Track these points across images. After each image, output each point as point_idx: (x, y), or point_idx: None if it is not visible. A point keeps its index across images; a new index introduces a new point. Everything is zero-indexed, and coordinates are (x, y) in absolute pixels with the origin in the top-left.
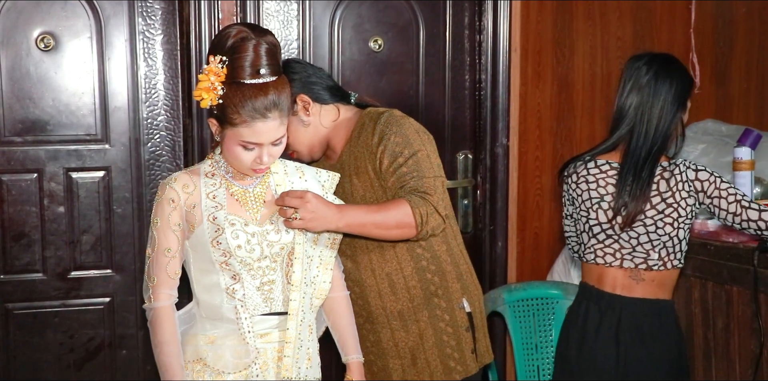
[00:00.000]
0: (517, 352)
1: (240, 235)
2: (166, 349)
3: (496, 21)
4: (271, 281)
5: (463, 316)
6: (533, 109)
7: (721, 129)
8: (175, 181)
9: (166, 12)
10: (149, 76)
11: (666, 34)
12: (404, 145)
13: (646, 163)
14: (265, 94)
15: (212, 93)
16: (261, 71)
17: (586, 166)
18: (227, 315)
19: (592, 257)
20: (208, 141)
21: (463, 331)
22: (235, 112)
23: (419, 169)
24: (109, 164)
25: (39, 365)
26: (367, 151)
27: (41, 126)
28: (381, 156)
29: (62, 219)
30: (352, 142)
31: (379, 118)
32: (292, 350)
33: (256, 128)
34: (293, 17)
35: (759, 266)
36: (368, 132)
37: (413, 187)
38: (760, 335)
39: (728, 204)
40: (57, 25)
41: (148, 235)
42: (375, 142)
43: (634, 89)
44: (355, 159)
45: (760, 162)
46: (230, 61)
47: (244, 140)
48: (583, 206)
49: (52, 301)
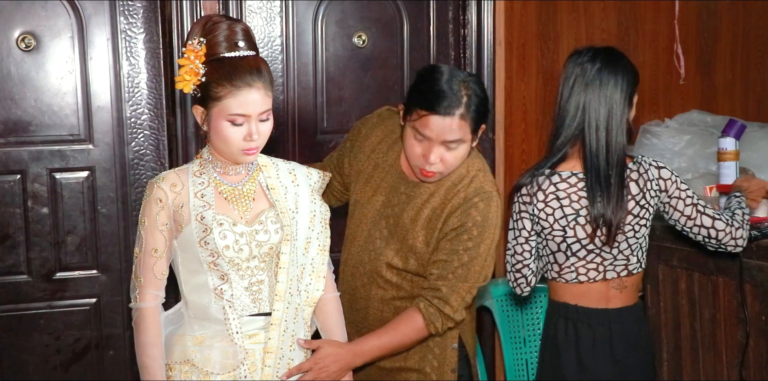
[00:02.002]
0: (505, 346)
1: (228, 235)
2: (149, 351)
3: (480, 15)
4: (259, 281)
5: (454, 355)
6: (518, 102)
7: (706, 119)
8: (163, 180)
9: (148, 10)
10: (132, 75)
11: (650, 26)
12: (479, 229)
13: (612, 169)
14: (248, 65)
15: (194, 75)
16: (239, 44)
17: (551, 181)
18: (215, 315)
19: (573, 276)
20: (192, 139)
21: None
22: (220, 84)
23: (466, 274)
24: (93, 164)
25: (25, 367)
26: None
27: (24, 127)
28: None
29: (46, 220)
30: (445, 189)
31: (474, 184)
32: (273, 360)
33: (242, 98)
34: (276, 14)
35: (744, 256)
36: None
37: (437, 291)
38: (746, 325)
39: (684, 206)
40: (38, 25)
41: (136, 235)
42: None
43: (578, 88)
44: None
45: (745, 152)
46: (207, 40)
47: (232, 113)
48: (557, 225)
49: (38, 303)
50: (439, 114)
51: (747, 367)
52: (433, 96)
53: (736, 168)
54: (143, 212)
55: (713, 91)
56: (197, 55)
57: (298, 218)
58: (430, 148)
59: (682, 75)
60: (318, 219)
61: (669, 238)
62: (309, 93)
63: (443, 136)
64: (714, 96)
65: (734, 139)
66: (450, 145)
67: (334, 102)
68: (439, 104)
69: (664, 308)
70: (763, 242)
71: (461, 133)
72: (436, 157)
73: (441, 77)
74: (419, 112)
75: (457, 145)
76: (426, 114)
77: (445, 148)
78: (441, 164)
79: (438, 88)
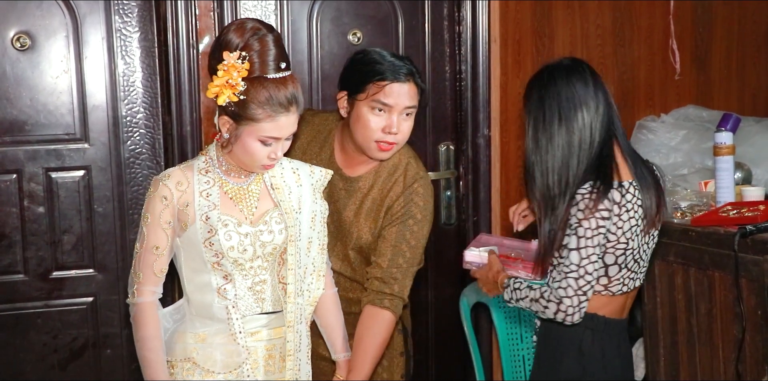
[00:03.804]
0: (502, 343)
1: (233, 236)
2: (149, 345)
3: (474, 11)
4: (262, 281)
5: (400, 340)
6: (514, 98)
7: (702, 115)
8: (168, 178)
9: (143, 9)
10: (127, 74)
11: (645, 21)
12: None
13: (652, 174)
14: (287, 88)
15: (231, 89)
16: (282, 65)
17: (621, 193)
18: (218, 315)
19: (619, 288)
20: (187, 138)
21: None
22: (260, 107)
23: (414, 257)
24: (89, 163)
25: (23, 366)
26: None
27: (19, 126)
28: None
29: (43, 219)
30: (383, 180)
31: (409, 171)
32: (293, 362)
33: (280, 122)
34: (271, 12)
35: (740, 251)
36: (399, 181)
37: (392, 279)
38: (742, 320)
39: None
40: (33, 25)
41: (138, 230)
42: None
43: (582, 107)
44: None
45: (740, 147)
46: (251, 56)
47: (265, 135)
48: (623, 237)
49: (35, 302)
50: (399, 81)
51: (743, 362)
52: (388, 67)
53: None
54: (147, 208)
55: (709, 86)
56: (240, 73)
57: (301, 218)
58: (390, 117)
59: (678, 70)
60: (318, 218)
61: (665, 233)
62: (304, 91)
63: (404, 102)
64: (709, 91)
65: (730, 132)
66: (408, 111)
67: (329, 100)
68: (397, 72)
69: (660, 303)
70: (758, 237)
71: (415, 99)
72: (397, 125)
73: (384, 53)
74: (378, 84)
75: (412, 112)
76: (387, 83)
77: (404, 118)
78: (400, 134)
79: (389, 60)
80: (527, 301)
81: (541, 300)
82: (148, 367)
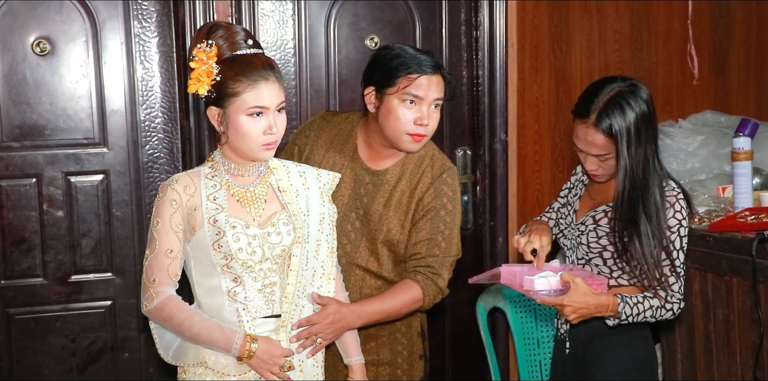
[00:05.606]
0: (519, 348)
1: (241, 237)
2: (196, 319)
3: (492, 16)
4: (272, 283)
5: (420, 343)
6: (531, 103)
7: (720, 120)
8: (176, 183)
9: (161, 14)
10: (146, 79)
11: (663, 26)
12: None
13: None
14: (260, 60)
15: (207, 77)
16: (248, 42)
17: (686, 194)
18: (228, 318)
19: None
20: (206, 142)
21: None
22: (236, 80)
23: (449, 247)
24: (108, 168)
25: (41, 370)
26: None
27: (39, 131)
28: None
29: (62, 223)
30: (410, 171)
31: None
32: (296, 362)
33: (260, 91)
34: (288, 17)
35: (757, 257)
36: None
37: (429, 267)
38: (760, 326)
39: None
40: (52, 30)
41: (148, 237)
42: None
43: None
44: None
45: (759, 153)
46: (217, 40)
47: (251, 106)
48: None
49: (54, 306)
50: (428, 74)
51: (761, 368)
52: (417, 60)
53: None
54: (156, 213)
55: (727, 91)
56: (209, 56)
57: (309, 221)
58: (420, 109)
59: (696, 75)
60: (327, 221)
61: None
62: (322, 95)
63: (434, 94)
64: (728, 96)
65: (749, 137)
66: (437, 102)
67: (346, 104)
68: (426, 65)
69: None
70: None
71: (443, 91)
72: (428, 116)
73: (406, 48)
74: (409, 77)
75: (440, 104)
76: (417, 76)
77: (432, 109)
78: (430, 126)
79: (416, 54)
80: (649, 311)
81: (666, 304)
82: (213, 333)
